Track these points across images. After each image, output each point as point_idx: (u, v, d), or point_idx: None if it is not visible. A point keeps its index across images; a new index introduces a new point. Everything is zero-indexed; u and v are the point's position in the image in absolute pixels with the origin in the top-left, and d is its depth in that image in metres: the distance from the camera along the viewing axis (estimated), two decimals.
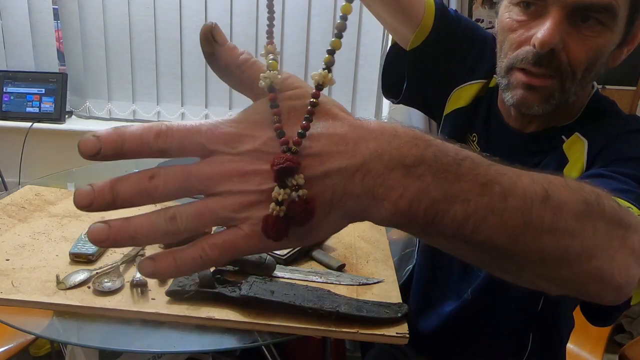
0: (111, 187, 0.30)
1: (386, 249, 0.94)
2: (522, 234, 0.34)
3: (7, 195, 1.04)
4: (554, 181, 0.37)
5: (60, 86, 1.94)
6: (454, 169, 0.32)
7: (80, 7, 1.91)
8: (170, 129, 0.30)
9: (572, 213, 0.36)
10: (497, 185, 0.33)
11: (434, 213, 0.31)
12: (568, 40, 0.63)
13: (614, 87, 1.84)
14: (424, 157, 0.31)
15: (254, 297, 0.71)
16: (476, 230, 0.32)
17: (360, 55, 1.96)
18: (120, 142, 0.30)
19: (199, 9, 1.91)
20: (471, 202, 0.32)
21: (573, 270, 0.38)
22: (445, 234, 0.33)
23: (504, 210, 0.33)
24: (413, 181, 0.30)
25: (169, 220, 0.30)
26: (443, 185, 0.31)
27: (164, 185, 0.30)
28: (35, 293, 0.73)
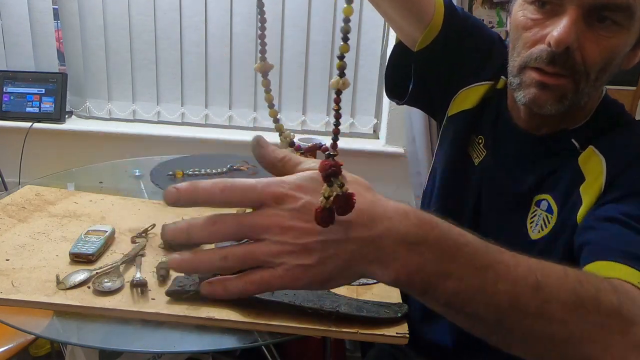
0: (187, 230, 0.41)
1: None
2: (507, 314, 0.40)
3: (7, 195, 1.04)
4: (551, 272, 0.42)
5: (60, 86, 1.95)
6: (453, 252, 0.39)
7: (80, 7, 1.91)
8: (233, 185, 0.40)
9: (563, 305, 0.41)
10: (491, 271, 0.39)
11: (428, 284, 0.39)
12: (583, 40, 0.62)
13: (614, 87, 1.84)
14: (427, 238, 0.39)
15: (254, 297, 0.70)
16: (465, 305, 0.40)
17: (360, 55, 1.97)
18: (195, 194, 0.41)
19: (199, 9, 1.91)
20: (463, 281, 0.39)
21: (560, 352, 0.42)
22: (438, 302, 0.41)
23: (493, 293, 0.39)
24: (414, 256, 0.38)
25: (222, 258, 0.41)
26: (441, 263, 0.38)
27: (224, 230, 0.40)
28: (35, 293, 0.72)
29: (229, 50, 1.94)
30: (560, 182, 0.70)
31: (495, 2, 1.78)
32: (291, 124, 2.05)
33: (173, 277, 0.78)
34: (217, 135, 1.98)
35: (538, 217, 0.72)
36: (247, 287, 0.41)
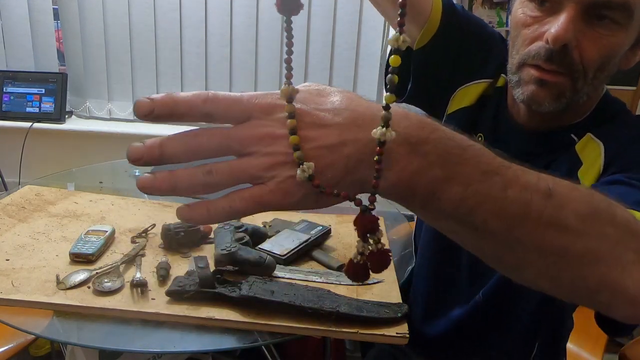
0: (160, 144, 0.35)
1: None
2: (518, 224, 0.36)
3: (7, 195, 1.04)
4: (562, 182, 0.38)
5: (60, 86, 1.94)
6: (458, 152, 0.35)
7: (80, 7, 1.91)
8: (216, 96, 0.35)
9: (576, 213, 0.37)
10: (498, 176, 0.35)
11: (433, 190, 0.35)
12: (581, 38, 0.62)
13: (614, 87, 1.84)
14: (429, 138, 0.35)
15: (254, 297, 0.71)
16: (472, 213, 0.35)
17: (360, 55, 1.96)
18: (172, 104, 0.34)
19: (199, 9, 1.91)
20: (470, 186, 0.35)
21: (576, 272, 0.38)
22: (443, 213, 0.36)
23: (502, 198, 0.35)
24: (416, 158, 0.34)
25: (206, 173, 0.35)
26: (445, 166, 0.34)
27: (207, 143, 0.35)
28: (35, 293, 0.72)
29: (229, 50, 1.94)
30: (559, 170, 0.70)
31: (495, 2, 1.78)
32: None
33: (173, 277, 0.78)
34: None
35: None
36: (234, 205, 0.35)
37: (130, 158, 0.35)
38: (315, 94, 0.36)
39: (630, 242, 0.39)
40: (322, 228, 0.95)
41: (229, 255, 0.79)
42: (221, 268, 0.79)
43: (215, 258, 0.80)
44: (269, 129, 0.34)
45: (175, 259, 0.85)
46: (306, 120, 0.34)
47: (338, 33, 1.92)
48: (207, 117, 0.35)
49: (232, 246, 0.80)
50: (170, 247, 0.88)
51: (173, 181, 0.35)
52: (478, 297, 0.83)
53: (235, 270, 0.80)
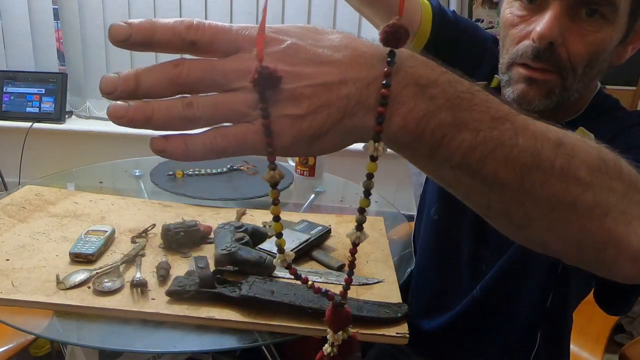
0: (136, 75, 0.31)
1: (386, 249, 0.94)
2: (529, 173, 0.34)
3: (7, 195, 1.04)
4: (570, 133, 0.37)
5: (60, 86, 1.94)
6: (468, 97, 0.33)
7: (80, 7, 1.92)
8: (202, 23, 0.31)
9: (586, 164, 0.36)
10: (508, 122, 0.33)
11: (442, 135, 0.32)
12: (568, 35, 0.63)
13: (614, 87, 1.84)
14: (438, 80, 0.32)
15: (254, 297, 0.71)
16: (482, 161, 0.33)
17: None
18: (151, 31, 0.31)
19: (199, 9, 1.91)
20: (480, 132, 0.32)
21: (583, 226, 0.37)
22: (451, 162, 0.33)
23: (513, 146, 0.33)
24: (424, 100, 0.31)
25: (186, 106, 0.31)
26: (454, 110, 0.32)
27: (187, 74, 0.31)
28: (35, 293, 0.72)
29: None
30: None
31: (495, 2, 1.78)
32: None
33: (173, 277, 0.78)
34: None
35: None
36: (216, 141, 0.31)
37: (103, 90, 0.31)
38: (313, 31, 0.33)
39: (635, 196, 0.39)
40: (322, 228, 0.95)
41: (229, 255, 0.79)
42: (221, 268, 0.79)
43: (215, 258, 0.80)
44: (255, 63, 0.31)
45: (175, 259, 0.85)
46: (301, 56, 0.31)
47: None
48: (190, 46, 0.31)
49: (232, 246, 0.80)
50: (170, 247, 0.88)
51: (149, 111, 0.31)
52: (475, 292, 0.83)
53: (235, 270, 0.80)
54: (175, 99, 0.32)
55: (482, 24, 1.85)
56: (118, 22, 0.31)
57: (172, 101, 0.31)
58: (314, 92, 0.31)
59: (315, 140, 0.32)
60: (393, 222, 1.10)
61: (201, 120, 0.31)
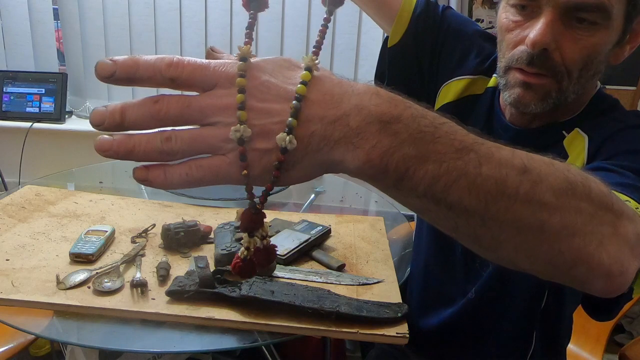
0: (121, 109, 0.33)
1: (386, 249, 0.94)
2: (494, 200, 0.35)
3: (7, 195, 1.04)
4: (536, 158, 0.38)
5: (60, 86, 1.94)
6: (431, 131, 0.34)
7: (80, 7, 1.91)
8: (181, 61, 0.33)
9: (552, 189, 0.37)
10: (472, 152, 0.34)
11: (405, 168, 0.33)
12: (561, 40, 0.63)
13: (614, 87, 1.84)
14: (401, 116, 0.33)
15: (254, 297, 0.71)
16: (447, 190, 0.34)
17: (360, 55, 1.96)
18: (134, 68, 0.33)
19: (199, 9, 1.91)
20: (444, 164, 0.34)
21: (552, 247, 0.37)
22: (417, 192, 0.34)
23: (477, 175, 0.34)
24: (387, 136, 0.33)
25: (164, 140, 0.34)
26: (417, 144, 0.33)
27: (166, 110, 0.33)
28: (35, 293, 0.72)
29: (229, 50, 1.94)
30: None
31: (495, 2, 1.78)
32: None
33: (173, 277, 0.78)
34: None
35: None
36: (191, 172, 0.34)
37: (93, 123, 0.34)
38: (286, 66, 0.35)
39: (606, 216, 0.39)
40: (322, 228, 0.95)
41: (229, 255, 0.79)
42: (221, 268, 0.79)
43: (215, 258, 0.80)
44: (232, 100, 0.33)
45: (175, 259, 0.85)
46: (272, 92, 0.33)
47: (338, 33, 1.92)
48: (170, 82, 0.34)
49: (232, 246, 0.80)
50: (170, 247, 0.88)
51: (130, 145, 0.34)
52: (471, 295, 0.83)
53: None
54: (154, 133, 0.34)
55: (482, 24, 1.85)
56: (104, 59, 0.33)
57: (152, 135, 0.34)
58: (281, 129, 0.33)
59: (284, 172, 0.34)
60: (393, 222, 1.10)
61: (178, 153, 0.34)
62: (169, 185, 0.35)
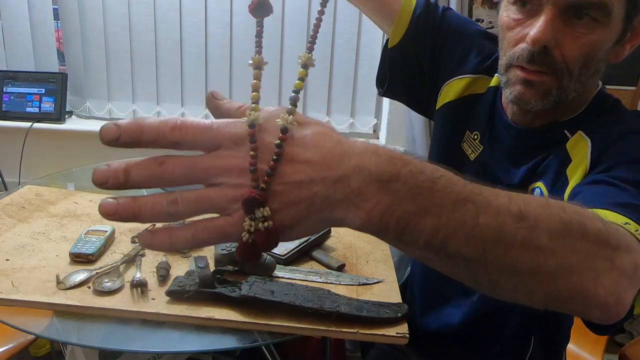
0: (125, 169, 0.34)
1: (386, 249, 0.94)
2: (492, 248, 0.36)
3: (7, 195, 1.04)
4: (532, 202, 0.39)
5: (60, 86, 1.94)
6: (429, 186, 0.35)
7: (80, 7, 1.91)
8: (184, 124, 0.34)
9: (549, 232, 0.38)
10: (470, 204, 0.36)
11: (405, 224, 0.34)
12: (562, 38, 0.63)
13: (614, 87, 1.84)
14: (400, 174, 0.34)
15: (254, 297, 0.71)
16: (446, 242, 0.35)
17: (360, 55, 1.96)
18: (138, 132, 0.33)
19: (199, 9, 1.91)
20: (442, 217, 0.35)
21: (550, 286, 0.39)
22: (418, 244, 0.36)
23: (474, 225, 0.36)
24: (386, 195, 0.34)
25: (170, 202, 0.34)
26: (416, 200, 0.34)
27: (171, 172, 0.34)
28: (35, 293, 0.73)
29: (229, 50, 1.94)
30: (550, 167, 0.71)
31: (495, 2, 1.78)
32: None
33: (173, 277, 0.78)
34: None
35: None
36: (197, 234, 0.34)
37: (96, 182, 0.34)
38: None
39: (602, 252, 0.41)
40: None
41: (229, 255, 0.79)
42: (221, 268, 0.79)
43: (215, 258, 0.80)
44: (236, 161, 0.34)
45: (175, 259, 0.85)
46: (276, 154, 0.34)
47: (338, 33, 1.92)
48: (175, 145, 0.34)
49: (232, 246, 0.80)
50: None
51: (136, 209, 0.35)
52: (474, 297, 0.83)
53: (235, 270, 0.80)
54: (160, 195, 0.35)
55: (482, 24, 1.85)
56: (108, 124, 0.33)
57: (158, 197, 0.35)
58: (285, 190, 0.34)
59: (287, 229, 0.35)
60: None
61: (184, 215, 0.35)
62: (175, 248, 0.36)
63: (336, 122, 2.05)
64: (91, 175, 0.34)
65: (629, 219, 0.51)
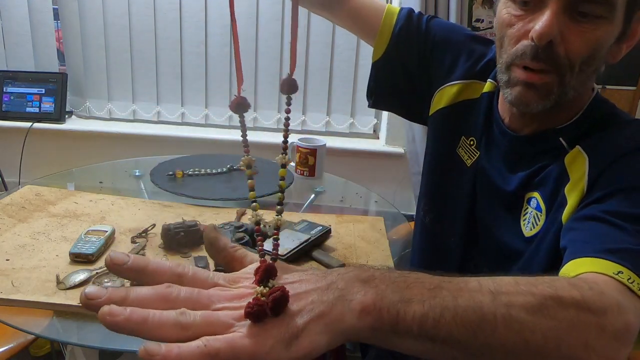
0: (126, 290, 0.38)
1: (386, 249, 0.94)
2: (479, 328, 0.39)
3: (7, 195, 1.04)
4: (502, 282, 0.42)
5: (60, 86, 1.95)
6: (402, 280, 0.40)
7: (80, 7, 1.92)
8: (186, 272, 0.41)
9: (525, 308, 0.41)
10: (444, 290, 0.40)
11: (396, 312, 0.38)
12: (566, 33, 0.63)
13: (614, 87, 1.84)
14: (374, 275, 0.40)
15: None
16: (437, 326, 0.38)
17: (360, 55, 1.97)
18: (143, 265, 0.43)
19: (199, 9, 1.91)
20: (425, 302, 0.39)
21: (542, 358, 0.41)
22: (412, 333, 0.38)
23: (456, 307, 0.39)
24: (370, 288, 0.39)
25: (179, 313, 0.36)
26: (396, 291, 0.39)
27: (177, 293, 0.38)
28: (35, 293, 0.73)
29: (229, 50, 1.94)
30: (548, 180, 0.70)
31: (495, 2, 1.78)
32: (291, 123, 2.05)
33: None
34: (217, 135, 1.99)
35: (529, 214, 0.73)
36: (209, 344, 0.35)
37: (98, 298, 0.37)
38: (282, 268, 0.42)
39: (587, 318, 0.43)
40: (322, 228, 0.95)
41: None
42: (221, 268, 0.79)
43: None
44: (236, 291, 0.39)
45: (175, 259, 0.85)
46: None
47: (338, 33, 1.92)
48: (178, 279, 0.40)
49: None
50: (170, 247, 0.88)
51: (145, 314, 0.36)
52: None
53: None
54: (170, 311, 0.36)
55: (482, 24, 1.86)
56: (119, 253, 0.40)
57: (168, 311, 0.36)
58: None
59: (293, 339, 0.36)
60: (393, 222, 1.10)
61: (193, 326, 0.35)
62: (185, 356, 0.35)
63: (336, 122, 2.06)
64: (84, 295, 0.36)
65: (622, 266, 0.52)
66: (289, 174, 1.32)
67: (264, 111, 2.04)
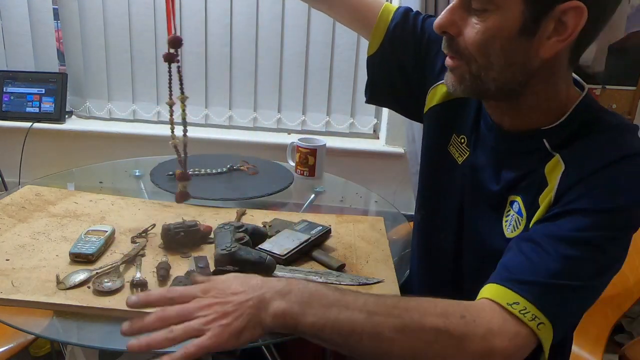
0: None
1: (386, 249, 0.95)
2: (350, 337, 0.57)
3: (7, 195, 1.05)
4: (383, 305, 0.58)
5: (60, 86, 1.95)
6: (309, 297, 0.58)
7: (80, 7, 1.91)
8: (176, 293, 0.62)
9: (390, 327, 0.56)
10: (335, 308, 0.57)
11: (296, 322, 0.57)
12: (462, 26, 0.67)
13: (614, 87, 1.84)
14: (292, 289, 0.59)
15: None
16: (322, 334, 0.57)
17: (360, 55, 1.96)
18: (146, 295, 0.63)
19: (198, 9, 1.91)
20: (317, 316, 0.57)
21: None
22: (307, 335, 0.58)
23: (336, 320, 0.57)
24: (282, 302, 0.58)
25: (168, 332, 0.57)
26: (300, 307, 0.57)
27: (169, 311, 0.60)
28: (35, 293, 0.73)
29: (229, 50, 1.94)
30: (530, 186, 0.71)
31: None
32: (291, 124, 2.05)
33: (173, 277, 0.78)
34: (217, 135, 1.98)
35: (511, 217, 0.74)
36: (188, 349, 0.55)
37: None
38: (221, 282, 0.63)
39: (446, 341, 0.56)
40: (322, 228, 0.95)
41: (229, 255, 0.79)
42: (221, 268, 0.79)
43: (215, 258, 0.80)
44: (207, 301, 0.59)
45: (175, 259, 0.85)
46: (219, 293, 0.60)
47: (338, 33, 1.92)
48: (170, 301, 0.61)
49: (232, 246, 0.80)
50: (170, 247, 0.88)
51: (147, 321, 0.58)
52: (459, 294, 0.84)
53: (235, 270, 0.80)
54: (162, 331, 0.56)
55: None
56: None
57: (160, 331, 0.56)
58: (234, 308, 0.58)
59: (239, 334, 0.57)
60: (393, 222, 1.10)
61: (178, 337, 0.56)
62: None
63: (336, 122, 2.06)
64: None
65: (521, 297, 0.59)
66: (289, 174, 1.32)
67: (264, 111, 2.04)
